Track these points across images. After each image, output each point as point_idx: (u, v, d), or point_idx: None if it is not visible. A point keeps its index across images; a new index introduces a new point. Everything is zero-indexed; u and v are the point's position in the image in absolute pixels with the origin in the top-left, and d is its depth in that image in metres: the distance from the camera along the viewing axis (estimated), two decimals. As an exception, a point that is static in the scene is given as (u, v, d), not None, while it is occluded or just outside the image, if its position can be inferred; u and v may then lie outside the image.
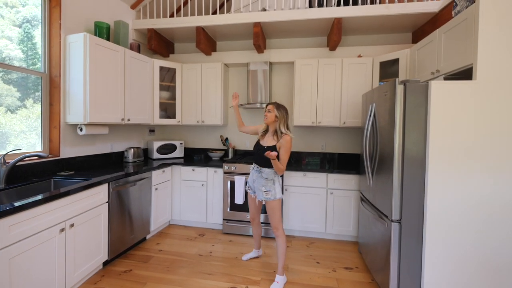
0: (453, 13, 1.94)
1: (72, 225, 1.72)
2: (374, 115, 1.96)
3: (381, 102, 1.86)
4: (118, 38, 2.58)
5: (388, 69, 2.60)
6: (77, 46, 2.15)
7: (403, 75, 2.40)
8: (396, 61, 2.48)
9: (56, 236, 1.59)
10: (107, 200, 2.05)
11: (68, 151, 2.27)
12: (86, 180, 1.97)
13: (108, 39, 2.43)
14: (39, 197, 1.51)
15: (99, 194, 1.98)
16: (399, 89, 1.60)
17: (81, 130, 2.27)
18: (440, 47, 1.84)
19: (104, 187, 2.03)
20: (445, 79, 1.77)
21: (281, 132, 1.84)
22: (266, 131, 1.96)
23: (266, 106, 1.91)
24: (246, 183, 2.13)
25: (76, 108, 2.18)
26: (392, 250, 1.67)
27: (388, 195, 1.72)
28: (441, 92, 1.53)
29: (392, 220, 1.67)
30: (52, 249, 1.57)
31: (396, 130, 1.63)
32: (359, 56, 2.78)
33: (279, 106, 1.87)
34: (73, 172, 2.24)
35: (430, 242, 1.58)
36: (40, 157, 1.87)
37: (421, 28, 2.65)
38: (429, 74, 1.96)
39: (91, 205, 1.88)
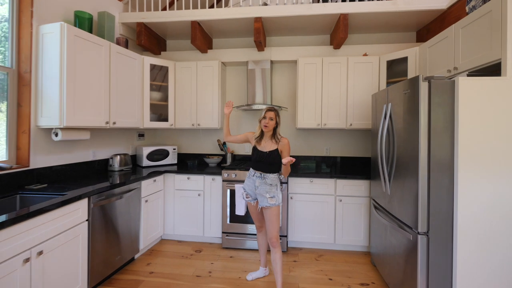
0: (467, 8, 1.85)
1: (40, 253, 1.39)
2: (390, 116, 1.81)
3: (399, 102, 1.71)
4: (103, 31, 2.29)
5: (396, 68, 2.50)
6: (53, 37, 1.85)
7: (412, 74, 2.29)
8: (404, 60, 2.37)
9: (17, 269, 1.26)
10: (86, 218, 1.74)
11: (40, 161, 1.94)
12: (61, 196, 1.64)
13: (90, 32, 2.14)
14: (-3, 220, 1.19)
15: (77, 212, 1.66)
16: (423, 86, 1.45)
17: (56, 135, 1.95)
18: (457, 43, 1.72)
19: (83, 202, 1.71)
20: (468, 76, 1.65)
21: (279, 135, 1.88)
22: (260, 136, 1.90)
23: (265, 112, 1.86)
24: (243, 189, 1.97)
25: (50, 110, 1.86)
26: (420, 266, 1.49)
27: (411, 204, 1.55)
28: (469, 89, 1.40)
29: (418, 233, 1.49)
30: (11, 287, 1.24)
31: (421, 132, 1.47)
32: (365, 54, 2.66)
33: (278, 113, 1.89)
34: (46, 185, 1.90)
35: (462, 256, 1.42)
36: (1, 168, 1.53)
37: (427, 26, 2.58)
38: (444, 72, 1.85)
39: (66, 225, 1.57)
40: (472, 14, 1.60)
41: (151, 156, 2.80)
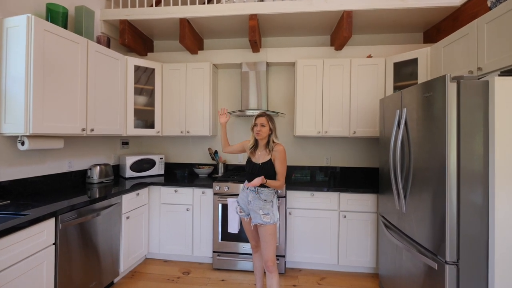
0: (489, 2, 1.65)
1: (-13, 290, 1.13)
2: (405, 123, 1.58)
3: (417, 106, 1.49)
4: (80, 28, 2.06)
5: (404, 71, 2.29)
6: (18, 32, 1.61)
7: (424, 76, 2.09)
8: (413, 62, 2.17)
9: None
10: (53, 242, 1.48)
11: (4, 173, 1.69)
12: (21, 216, 1.38)
13: (65, 28, 1.91)
14: None
15: (41, 235, 1.41)
16: (451, 87, 1.23)
17: (22, 144, 1.71)
18: (481, 41, 1.52)
19: (50, 223, 1.46)
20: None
21: (273, 143, 1.69)
22: (254, 146, 1.75)
23: (255, 118, 1.71)
24: (237, 203, 1.77)
25: (14, 115, 1.62)
26: (448, 303, 1.24)
27: (435, 226, 1.32)
28: (508, 91, 1.18)
29: (446, 262, 1.25)
30: None
31: (448, 141, 1.24)
32: (369, 56, 2.45)
33: (271, 118, 1.71)
34: (8, 201, 1.63)
35: (500, 292, 1.17)
36: None
37: (437, 26, 2.38)
38: (465, 73, 1.63)
39: (25, 252, 1.31)
40: (500, 7, 1.40)
41: (136, 166, 2.54)
